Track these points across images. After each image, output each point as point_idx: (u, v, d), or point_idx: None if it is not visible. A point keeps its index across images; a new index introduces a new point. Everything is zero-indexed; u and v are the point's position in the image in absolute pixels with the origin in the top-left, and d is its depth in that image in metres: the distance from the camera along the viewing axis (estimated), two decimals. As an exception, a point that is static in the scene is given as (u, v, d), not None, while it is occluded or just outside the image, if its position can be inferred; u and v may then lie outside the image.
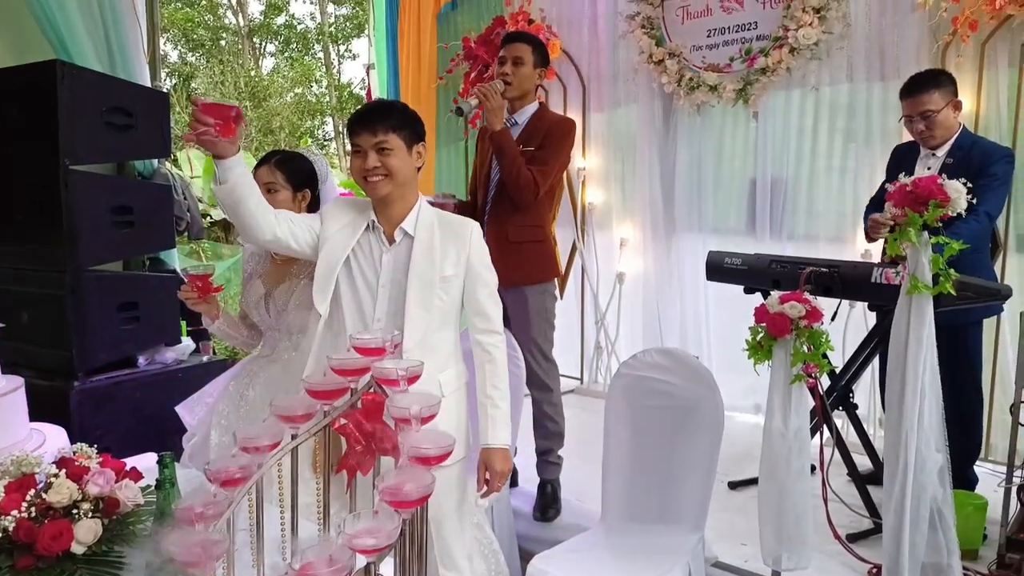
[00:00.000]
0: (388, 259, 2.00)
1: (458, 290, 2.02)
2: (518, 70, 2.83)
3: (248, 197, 1.85)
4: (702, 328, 4.16)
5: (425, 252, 1.98)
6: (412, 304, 1.96)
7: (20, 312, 3.19)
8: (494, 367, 2.02)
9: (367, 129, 1.93)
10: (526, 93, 2.88)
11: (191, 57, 17.73)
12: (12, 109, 3.27)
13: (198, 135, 1.71)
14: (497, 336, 2.05)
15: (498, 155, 2.75)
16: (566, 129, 2.88)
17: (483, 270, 2.04)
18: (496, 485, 2.00)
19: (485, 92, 2.69)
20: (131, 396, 3.33)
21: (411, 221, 2.01)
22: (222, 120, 1.71)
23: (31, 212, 3.26)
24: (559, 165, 2.87)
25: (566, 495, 2.99)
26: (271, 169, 2.27)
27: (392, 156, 1.93)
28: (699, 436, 2.21)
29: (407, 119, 1.99)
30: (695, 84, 4.01)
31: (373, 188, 1.96)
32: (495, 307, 2.06)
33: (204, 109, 1.69)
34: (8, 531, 1.52)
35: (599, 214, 4.63)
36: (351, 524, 1.14)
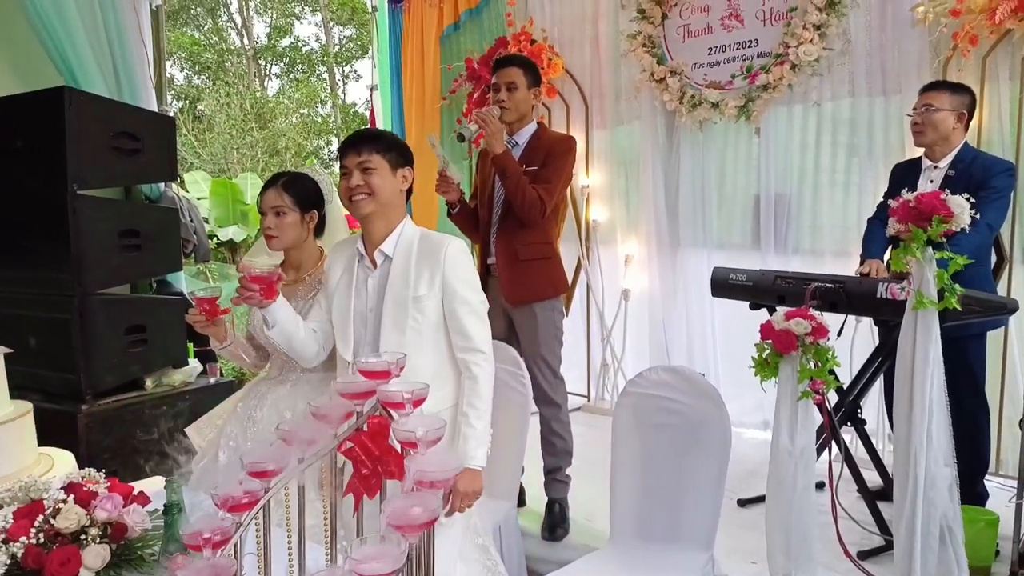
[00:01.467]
0: (372, 283, 2.07)
1: (434, 310, 2.02)
2: (512, 95, 2.87)
3: (295, 332, 2.09)
4: (708, 344, 4.15)
5: (401, 273, 2.02)
6: (386, 326, 2.01)
7: (28, 336, 3.21)
8: (473, 384, 2.02)
9: (353, 150, 2.02)
10: (523, 115, 2.92)
11: (197, 79, 17.90)
12: (20, 135, 3.31)
13: (245, 299, 1.97)
14: (478, 354, 2.03)
15: (502, 177, 2.78)
16: (567, 146, 2.91)
17: (461, 287, 2.03)
18: (456, 504, 1.93)
19: (484, 118, 2.73)
20: (139, 419, 3.34)
21: (391, 243, 2.05)
22: (265, 286, 1.95)
23: (39, 237, 3.29)
24: (562, 182, 2.90)
25: (574, 514, 2.98)
26: (278, 192, 2.28)
27: (375, 175, 2.00)
28: (707, 454, 2.20)
29: (392, 144, 2.06)
30: (697, 101, 4.03)
31: (357, 206, 2.02)
32: (476, 326, 2.04)
33: (251, 279, 1.95)
34: (17, 558, 1.53)
35: (603, 231, 4.64)
36: (357, 549, 1.14)
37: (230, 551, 1.25)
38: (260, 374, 2.48)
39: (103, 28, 3.73)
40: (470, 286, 2.05)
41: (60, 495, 1.66)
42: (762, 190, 3.94)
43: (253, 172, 14.07)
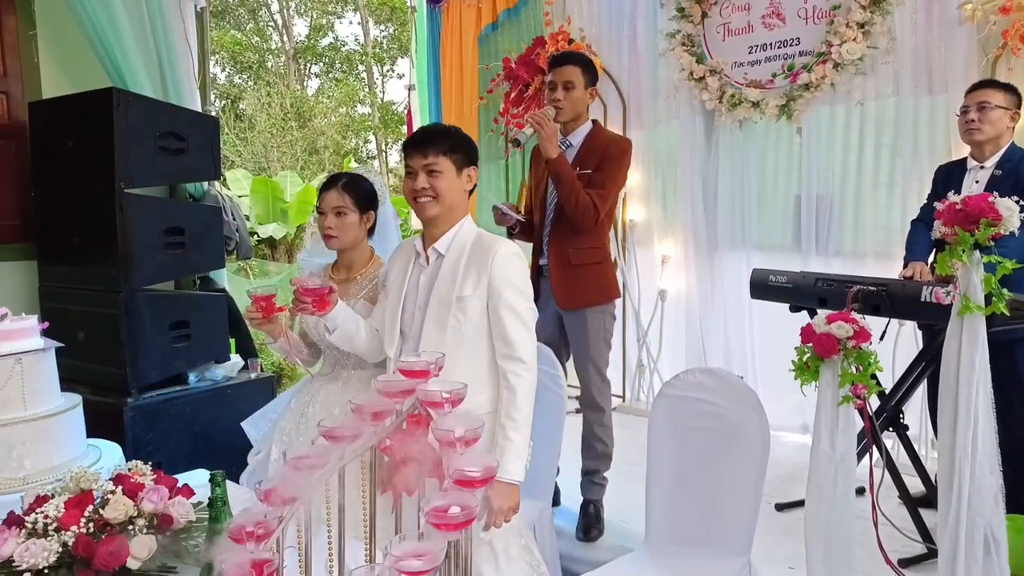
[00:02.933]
0: (423, 279, 2.06)
1: (477, 312, 1.98)
2: (570, 94, 2.80)
3: (356, 334, 2.14)
4: (746, 347, 4.11)
5: (449, 272, 2.00)
6: (429, 323, 1.99)
7: (77, 331, 3.30)
8: (512, 395, 1.95)
9: (419, 151, 1.99)
10: (579, 115, 2.86)
11: (239, 79, 18.20)
12: (71, 135, 3.40)
13: (300, 311, 2.03)
14: (519, 364, 1.97)
15: (556, 182, 2.74)
16: (623, 149, 2.85)
17: (507, 291, 1.97)
18: (492, 520, 1.88)
19: (538, 120, 2.67)
20: (182, 412, 3.42)
21: (445, 241, 2.04)
22: (317, 298, 2.01)
23: (88, 234, 3.38)
24: (617, 187, 2.86)
25: (608, 515, 2.97)
26: (340, 193, 2.30)
27: (440, 178, 1.97)
28: (745, 458, 2.18)
29: (459, 143, 2.02)
30: (737, 100, 3.99)
31: (421, 208, 2.00)
32: (520, 333, 1.98)
33: (304, 292, 2.00)
34: (68, 546, 1.58)
35: (640, 231, 4.62)
36: (397, 546, 1.15)
37: (272, 545, 1.27)
38: (313, 370, 2.51)
39: (150, 30, 3.81)
40: (518, 291, 1.99)
41: (109, 486, 1.72)
42: (803, 191, 3.89)
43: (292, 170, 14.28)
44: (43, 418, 2.24)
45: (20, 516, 1.67)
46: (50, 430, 2.26)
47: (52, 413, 2.27)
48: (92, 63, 3.69)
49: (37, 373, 2.27)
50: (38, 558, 1.55)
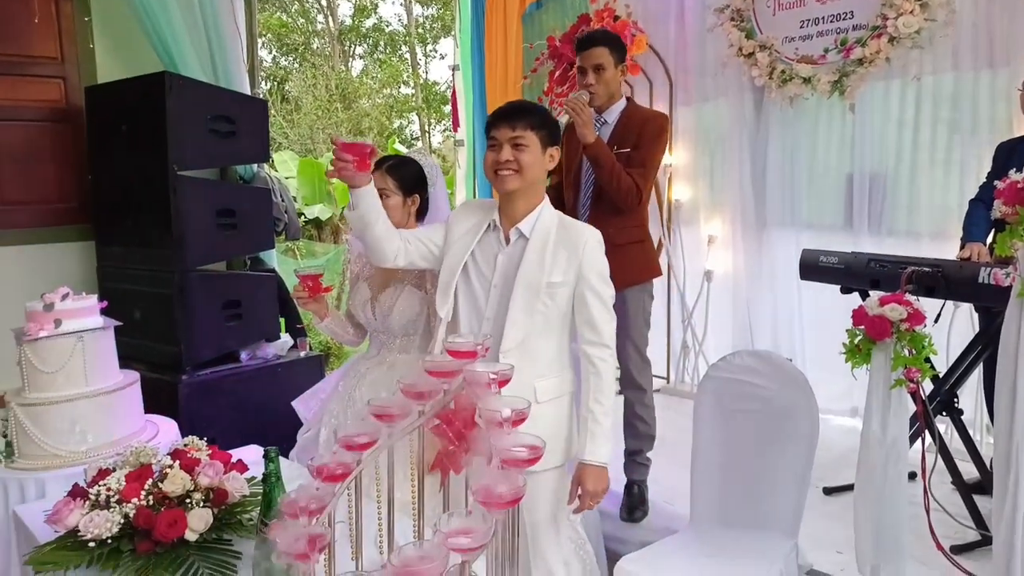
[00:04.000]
0: (502, 259, 2.03)
1: (565, 298, 1.99)
2: (601, 76, 2.78)
3: (375, 223, 2.00)
4: (795, 328, 4.04)
5: (536, 256, 1.98)
6: (515, 307, 1.97)
7: (133, 310, 3.40)
8: (599, 381, 1.97)
9: (507, 123, 1.96)
10: (613, 95, 2.84)
11: (284, 61, 18.38)
12: (125, 119, 3.49)
13: (339, 171, 1.88)
14: (606, 350, 1.98)
15: (595, 166, 2.72)
16: (660, 126, 2.82)
17: (595, 279, 1.98)
18: (587, 503, 1.95)
19: (574, 107, 2.66)
20: (234, 390, 3.51)
21: (529, 223, 2.01)
22: (359, 157, 1.88)
23: (143, 216, 3.47)
24: (656, 165, 2.82)
25: (653, 496, 2.97)
26: (382, 175, 2.31)
27: (526, 152, 1.95)
28: (793, 441, 2.16)
29: (546, 121, 2.01)
30: (788, 76, 3.89)
31: (502, 181, 1.98)
32: (605, 320, 1.99)
33: (344, 148, 1.86)
34: (129, 517, 1.64)
35: (686, 210, 4.56)
36: (446, 523, 1.17)
37: (324, 519, 1.31)
38: (360, 350, 2.55)
39: (200, 14, 3.87)
40: (603, 279, 2.00)
41: (167, 460, 1.78)
42: (856, 169, 3.79)
43: (338, 151, 14.40)
44: (104, 394, 2.33)
45: (84, 488, 1.74)
46: (110, 405, 2.34)
47: (112, 389, 2.35)
48: (145, 48, 3.77)
49: (98, 350, 2.35)
50: (101, 528, 1.62)
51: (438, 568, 1.09)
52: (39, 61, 3.80)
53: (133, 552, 1.61)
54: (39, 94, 3.82)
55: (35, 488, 2.24)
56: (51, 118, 3.84)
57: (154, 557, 1.61)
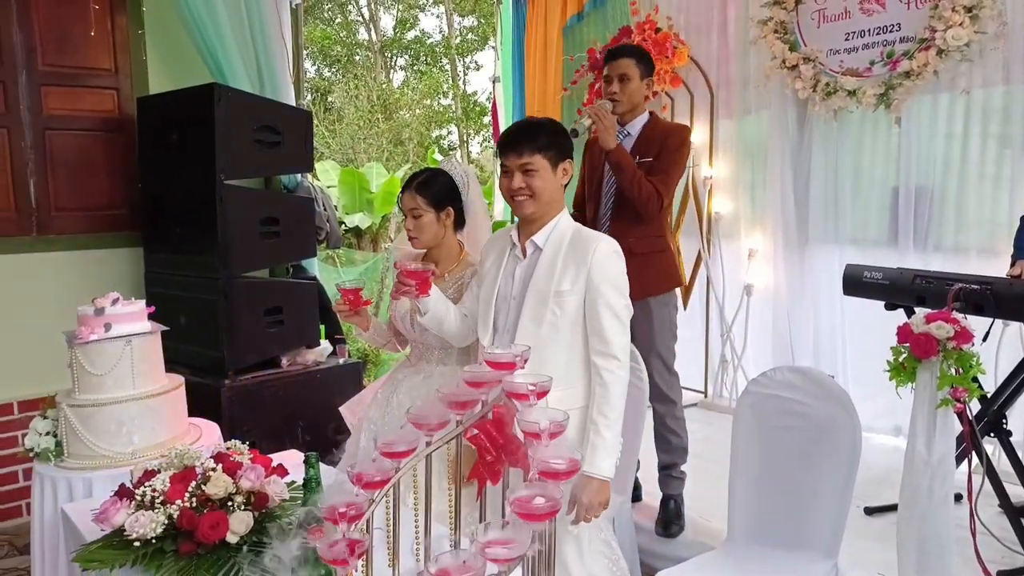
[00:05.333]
0: (519, 272, 2.06)
1: (574, 307, 1.98)
2: (625, 87, 2.84)
3: (445, 320, 2.18)
4: (837, 345, 3.97)
5: (547, 266, 2.00)
6: (525, 316, 2.00)
7: (178, 315, 3.48)
8: (605, 392, 1.95)
9: (514, 151, 1.99)
10: (636, 106, 2.89)
11: (328, 72, 18.69)
12: (175, 129, 3.58)
13: (403, 293, 2.05)
14: (613, 361, 1.96)
15: (616, 172, 2.76)
16: (681, 138, 2.87)
17: (606, 288, 1.97)
18: (582, 515, 1.91)
19: (597, 113, 2.72)
20: (275, 395, 3.57)
21: (543, 235, 2.04)
22: (420, 281, 2.03)
23: (189, 223, 3.56)
24: (678, 174, 2.85)
25: (689, 511, 2.94)
26: (412, 195, 2.32)
27: (536, 177, 1.98)
28: (834, 459, 2.12)
29: (552, 139, 2.02)
30: (832, 89, 3.85)
31: (519, 207, 2.03)
32: (615, 330, 1.97)
33: (407, 274, 2.03)
34: (173, 518, 1.67)
35: (726, 224, 4.52)
36: (483, 533, 1.18)
37: (363, 525, 1.32)
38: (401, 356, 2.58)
39: (248, 27, 3.97)
40: (616, 288, 1.98)
41: (210, 463, 1.81)
42: (901, 183, 3.72)
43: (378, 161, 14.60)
44: (150, 397, 2.39)
45: (130, 489, 1.79)
46: (156, 408, 2.40)
47: (158, 392, 2.41)
48: (195, 60, 3.87)
49: (145, 354, 2.41)
50: (146, 528, 1.66)
51: (475, 578, 1.09)
52: (94, 72, 3.93)
53: (176, 553, 1.64)
54: (94, 104, 3.95)
55: (83, 487, 2.30)
56: (104, 128, 3.96)
57: (196, 558, 1.64)
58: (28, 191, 3.77)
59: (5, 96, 3.68)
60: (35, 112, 3.75)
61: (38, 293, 3.75)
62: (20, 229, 3.76)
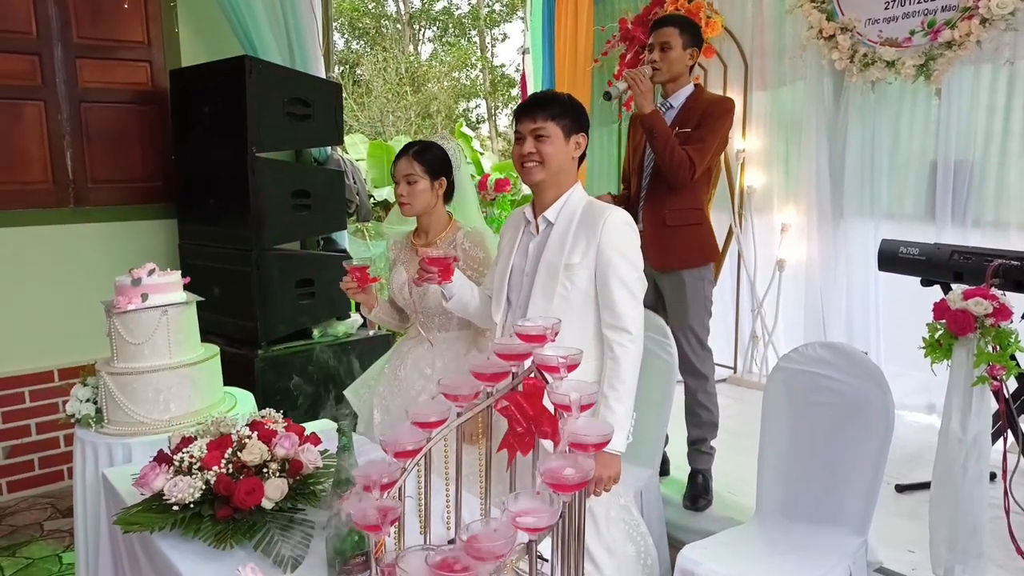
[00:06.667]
0: (532, 247, 2.07)
1: (585, 280, 1.97)
2: (666, 55, 2.79)
3: (470, 303, 2.20)
4: (870, 321, 3.92)
5: (558, 240, 2.00)
6: (536, 291, 2.01)
7: (212, 286, 3.53)
8: (616, 365, 1.94)
9: (527, 116, 2.00)
10: (678, 76, 2.83)
11: (356, 45, 18.63)
12: (207, 102, 3.61)
13: (426, 280, 2.05)
14: (624, 334, 1.95)
15: (649, 137, 2.72)
16: (724, 108, 2.80)
17: (616, 259, 1.95)
18: (592, 489, 1.90)
19: (633, 77, 2.68)
20: (306, 365, 3.62)
21: (555, 210, 2.04)
22: (443, 268, 2.03)
23: (222, 195, 3.60)
24: (716, 144, 2.79)
25: (717, 486, 2.94)
26: (409, 161, 2.38)
27: (547, 143, 1.98)
28: (866, 436, 2.11)
29: (568, 109, 2.01)
30: (870, 60, 3.75)
31: (527, 173, 2.02)
32: (627, 303, 1.96)
33: (429, 262, 2.02)
34: (210, 484, 1.71)
35: (759, 197, 4.46)
36: (513, 502, 1.19)
37: (395, 493, 1.34)
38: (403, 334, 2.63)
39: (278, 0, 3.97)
40: (627, 260, 1.97)
41: (246, 431, 1.85)
42: (940, 156, 3.63)
43: (407, 135, 14.59)
44: (186, 366, 2.43)
45: (168, 455, 1.83)
46: (192, 377, 2.44)
47: (194, 362, 2.45)
48: (226, 32, 3.89)
49: (181, 324, 2.45)
50: (184, 493, 1.70)
51: (506, 546, 1.10)
52: (127, 45, 3.97)
53: (213, 517, 1.68)
54: (127, 77, 3.99)
55: (122, 453, 2.36)
56: (137, 100, 4.01)
57: (232, 523, 1.67)
58: (65, 163, 3.83)
59: (41, 69, 3.74)
60: (70, 85, 3.80)
61: (76, 263, 3.83)
62: (58, 201, 3.83)
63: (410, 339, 2.53)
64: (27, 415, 3.78)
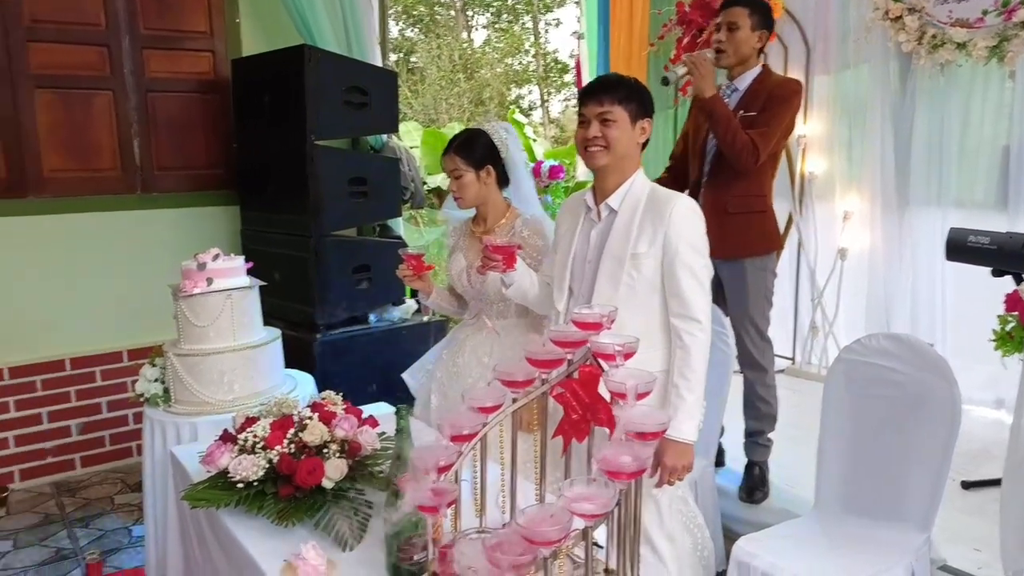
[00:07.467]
0: (594, 235, 2.05)
1: (652, 269, 1.95)
2: (733, 36, 2.70)
3: (530, 289, 2.19)
4: (936, 313, 3.79)
5: (623, 228, 1.97)
6: (601, 280, 1.98)
7: (273, 271, 3.61)
8: (685, 355, 1.92)
9: (593, 99, 1.96)
10: (744, 59, 2.74)
11: (410, 32, 18.74)
12: (267, 90, 3.68)
13: (490, 268, 2.04)
14: (693, 323, 1.93)
15: (710, 122, 2.65)
16: (790, 90, 2.71)
17: (684, 248, 1.93)
18: (665, 478, 1.91)
19: (694, 60, 2.60)
20: (363, 349, 3.68)
21: (618, 197, 2.00)
22: (506, 256, 2.02)
23: (282, 183, 3.67)
24: (782, 128, 2.70)
25: (774, 478, 2.90)
26: (451, 157, 2.39)
27: (613, 127, 1.94)
28: (931, 430, 2.05)
29: (635, 93, 1.97)
30: (939, 42, 3.61)
31: (591, 158, 1.98)
32: (695, 292, 1.93)
33: (493, 250, 2.01)
34: (273, 463, 1.76)
35: (820, 184, 4.35)
36: (569, 488, 1.20)
37: (451, 476, 1.36)
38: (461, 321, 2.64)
39: (336, -12, 4.02)
40: (695, 249, 1.95)
41: (306, 412, 1.89)
42: (1013, 141, 3.48)
43: (460, 122, 14.65)
44: (249, 348, 2.50)
45: (233, 434, 1.89)
46: (255, 359, 2.52)
47: (257, 344, 2.53)
48: (286, 22, 3.95)
49: (244, 308, 2.53)
50: (248, 471, 1.75)
51: (562, 531, 1.11)
52: (191, 35, 4.07)
53: (276, 495, 1.73)
54: (191, 66, 4.09)
55: (189, 431, 2.44)
56: (201, 89, 4.11)
57: (294, 501, 1.72)
58: (133, 151, 3.96)
59: (110, 59, 3.86)
60: (138, 75, 3.92)
61: (143, 248, 3.96)
62: (126, 188, 3.96)
63: (467, 326, 2.54)
64: (99, 393, 3.94)
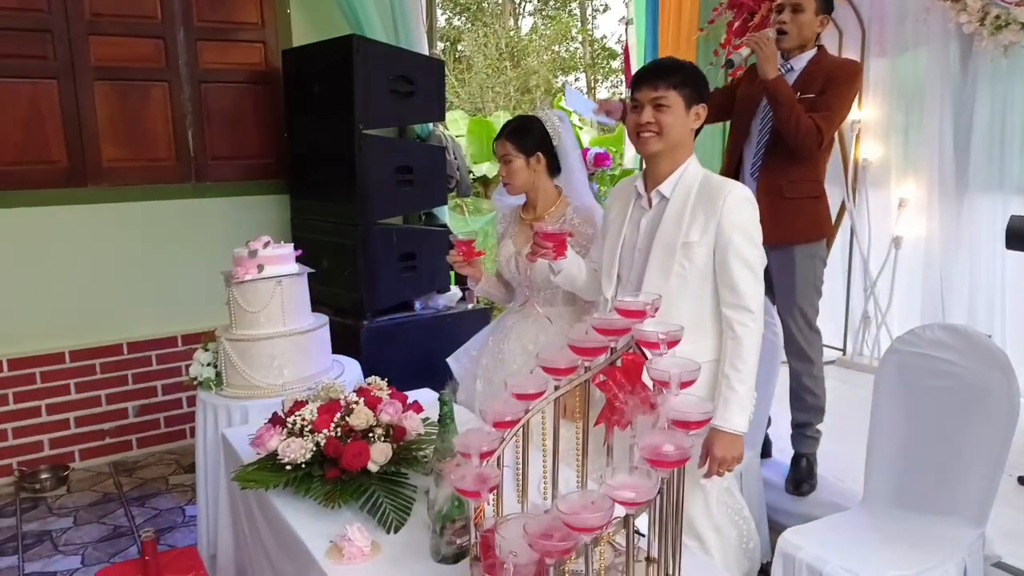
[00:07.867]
0: (645, 222, 2.02)
1: (703, 258, 1.92)
2: (797, 18, 2.63)
3: (578, 275, 2.17)
4: (995, 303, 3.66)
5: (675, 216, 1.94)
6: (651, 268, 1.96)
7: (321, 258, 3.67)
8: (737, 346, 1.89)
9: (648, 84, 1.92)
10: (806, 42, 2.68)
11: (457, 20, 18.75)
12: (317, 80, 3.73)
13: (540, 255, 1.97)
14: (745, 313, 1.90)
15: (773, 104, 2.59)
16: (851, 72, 2.65)
17: (737, 237, 1.89)
18: (715, 469, 1.90)
19: (758, 40, 2.54)
20: (409, 336, 3.72)
21: (669, 184, 1.97)
22: (557, 243, 1.96)
23: (331, 172, 3.72)
24: (843, 112, 2.65)
25: (822, 471, 2.85)
26: (503, 143, 2.41)
27: (667, 113, 1.90)
28: (987, 424, 1.99)
29: (690, 78, 1.93)
30: (1004, 22, 3.47)
31: (644, 144, 1.95)
32: (748, 282, 1.90)
33: (544, 237, 1.95)
34: (320, 446, 1.80)
35: (875, 171, 4.23)
36: (612, 476, 1.20)
37: (494, 462, 1.37)
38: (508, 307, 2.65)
39: (383, -23, 4.04)
40: (748, 238, 1.91)
41: (353, 397, 1.93)
42: (1081, 126, 3.35)
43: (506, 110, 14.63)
44: (298, 334, 2.56)
45: (282, 417, 1.93)
46: (304, 345, 2.57)
47: (305, 330, 2.58)
48: (335, 12, 4.00)
49: (294, 294, 2.58)
50: (296, 454, 1.79)
51: (604, 517, 1.11)
52: (243, 27, 4.14)
53: (323, 478, 1.77)
54: (243, 57, 4.17)
55: (239, 414, 2.51)
56: (252, 80, 4.19)
57: (340, 484, 1.76)
58: (187, 141, 4.06)
59: (165, 52, 3.96)
60: (191, 66, 4.01)
61: (197, 236, 4.07)
62: (181, 177, 4.06)
63: (514, 313, 2.56)
64: (154, 377, 4.07)
